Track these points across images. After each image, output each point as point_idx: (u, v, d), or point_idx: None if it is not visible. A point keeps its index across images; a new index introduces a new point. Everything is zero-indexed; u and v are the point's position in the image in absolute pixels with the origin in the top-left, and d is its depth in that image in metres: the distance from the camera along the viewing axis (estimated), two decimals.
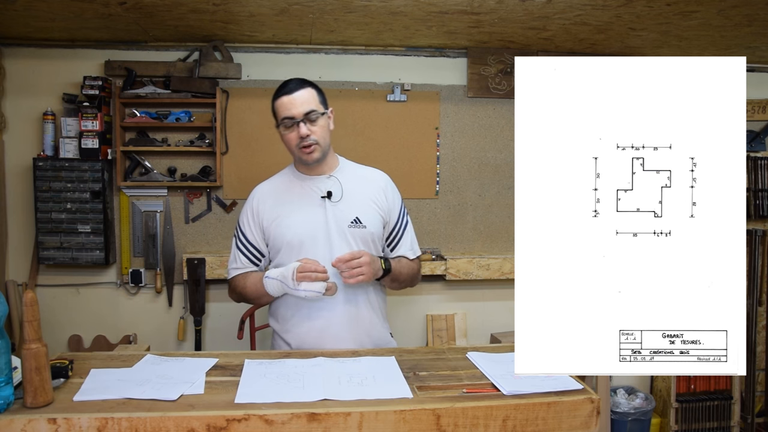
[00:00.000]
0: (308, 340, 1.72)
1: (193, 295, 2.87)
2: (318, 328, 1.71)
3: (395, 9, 2.33)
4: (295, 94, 1.69)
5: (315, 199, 1.75)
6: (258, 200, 1.82)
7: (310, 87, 1.73)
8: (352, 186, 1.79)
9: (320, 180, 1.78)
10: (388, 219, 1.82)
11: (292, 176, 1.83)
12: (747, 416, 3.09)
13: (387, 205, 1.81)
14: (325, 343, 1.69)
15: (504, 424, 1.20)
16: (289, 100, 1.69)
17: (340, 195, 1.76)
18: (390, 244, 1.85)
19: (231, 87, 2.88)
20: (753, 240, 3.11)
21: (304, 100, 1.69)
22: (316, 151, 1.70)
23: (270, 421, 1.13)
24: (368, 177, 1.85)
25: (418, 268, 1.90)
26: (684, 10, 2.26)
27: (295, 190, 1.78)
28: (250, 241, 1.81)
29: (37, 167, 2.69)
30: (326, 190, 1.75)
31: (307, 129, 1.68)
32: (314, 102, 1.71)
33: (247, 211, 1.83)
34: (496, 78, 3.03)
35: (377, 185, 1.83)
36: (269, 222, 1.77)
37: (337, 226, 1.72)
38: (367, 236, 1.75)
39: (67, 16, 2.39)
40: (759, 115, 3.23)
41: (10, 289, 2.80)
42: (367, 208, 1.77)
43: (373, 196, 1.80)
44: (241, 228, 1.83)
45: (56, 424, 1.09)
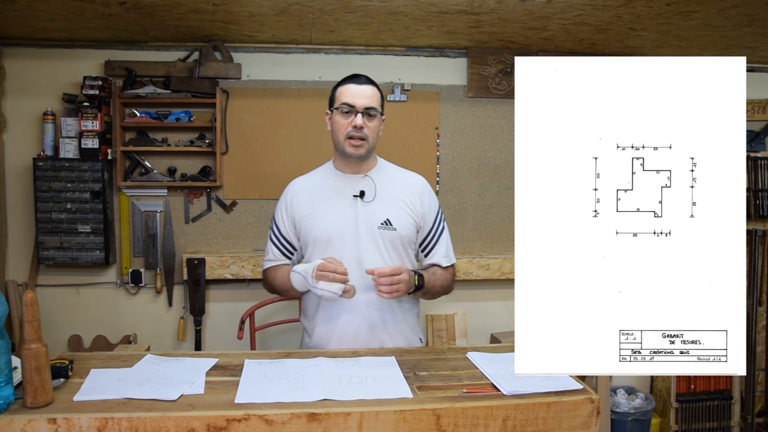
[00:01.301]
0: (329, 340, 1.73)
1: (193, 295, 2.87)
2: (339, 330, 1.71)
3: (395, 9, 2.33)
4: (364, 87, 1.73)
5: (347, 198, 1.75)
6: (292, 194, 1.83)
7: (377, 88, 1.77)
8: (387, 187, 1.78)
9: (355, 179, 1.78)
10: (422, 224, 1.81)
11: (329, 173, 1.83)
12: (747, 416, 3.09)
13: (422, 210, 1.80)
14: (344, 345, 1.69)
15: (504, 424, 1.20)
16: (356, 89, 1.72)
17: (372, 195, 1.76)
18: (424, 250, 1.84)
19: (231, 87, 2.88)
20: (753, 240, 3.11)
21: (369, 95, 1.72)
22: (363, 146, 1.71)
23: (270, 421, 1.13)
24: (405, 180, 1.85)
25: (452, 276, 1.87)
26: (684, 10, 2.26)
27: (330, 187, 1.79)
28: (283, 234, 1.82)
29: (37, 167, 2.69)
30: (359, 189, 1.75)
31: (362, 121, 1.69)
32: (377, 101, 1.74)
33: (282, 205, 1.84)
34: (496, 78, 3.02)
35: (413, 189, 1.82)
36: (301, 217, 1.78)
37: (367, 227, 1.72)
38: (396, 239, 1.74)
39: (67, 16, 2.39)
40: (759, 115, 3.23)
41: (10, 289, 2.80)
42: (400, 211, 1.76)
43: (408, 200, 1.79)
44: (276, 221, 1.84)
45: (56, 424, 1.09)
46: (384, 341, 1.73)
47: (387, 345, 1.72)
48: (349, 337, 1.71)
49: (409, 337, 1.80)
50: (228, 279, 2.86)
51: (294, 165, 2.95)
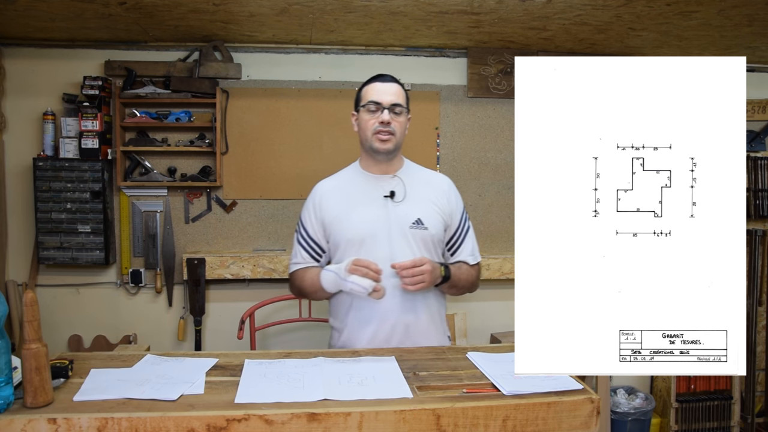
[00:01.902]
0: (359, 342, 1.73)
1: (193, 295, 2.87)
2: (369, 332, 1.72)
3: (395, 9, 2.33)
4: (389, 85, 1.75)
5: (378, 198, 1.75)
6: (320, 196, 1.83)
7: (401, 86, 1.78)
8: (416, 187, 1.79)
9: (384, 179, 1.79)
10: (449, 223, 1.82)
11: (356, 174, 1.84)
12: (747, 416, 3.09)
13: (449, 209, 1.82)
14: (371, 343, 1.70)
15: (504, 424, 1.20)
16: (382, 87, 1.74)
17: (402, 195, 1.76)
18: (450, 249, 1.85)
19: (231, 87, 2.88)
20: (753, 240, 3.11)
21: (395, 92, 1.74)
22: (391, 141, 1.73)
23: (270, 421, 1.13)
24: (432, 180, 1.86)
25: (478, 274, 1.88)
26: (684, 10, 2.26)
27: (359, 188, 1.79)
28: (311, 236, 1.82)
29: (37, 167, 2.69)
30: (389, 189, 1.76)
31: (389, 117, 1.71)
32: (402, 98, 1.76)
33: (309, 207, 1.84)
34: (496, 78, 3.03)
35: (440, 188, 1.83)
36: (331, 219, 1.78)
37: (399, 226, 1.72)
38: (427, 238, 1.75)
39: (67, 16, 2.39)
40: (759, 115, 3.23)
41: (10, 289, 2.80)
42: (430, 210, 1.77)
43: (436, 199, 1.80)
44: (303, 223, 1.84)
45: (56, 424, 1.09)
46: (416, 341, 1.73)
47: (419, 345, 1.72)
48: (380, 341, 1.71)
49: (441, 338, 1.82)
50: (228, 279, 2.86)
51: (294, 165, 2.95)
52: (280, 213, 2.96)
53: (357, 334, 1.74)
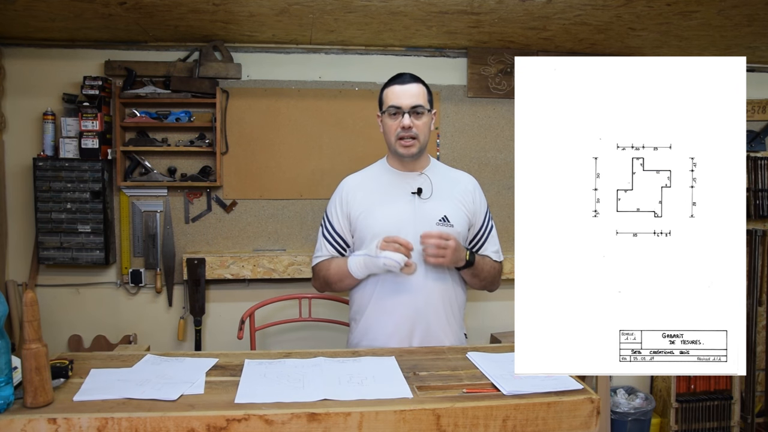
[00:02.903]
0: (380, 333, 1.74)
1: (193, 295, 2.87)
2: (391, 324, 1.72)
3: (395, 9, 2.33)
4: (408, 86, 1.73)
5: (405, 195, 1.76)
6: (347, 191, 1.84)
7: (422, 84, 1.77)
8: (442, 185, 1.80)
9: (411, 176, 1.80)
10: (473, 222, 1.84)
11: (384, 170, 1.85)
12: (747, 416, 3.09)
13: (474, 208, 1.83)
14: (394, 341, 1.71)
15: (504, 424, 1.20)
16: (401, 89, 1.72)
17: (429, 192, 1.77)
18: (474, 247, 1.86)
19: (231, 87, 2.88)
20: (753, 240, 3.11)
21: (414, 93, 1.72)
22: (414, 145, 1.73)
23: (270, 421, 1.13)
24: (457, 178, 1.88)
25: (500, 270, 1.90)
26: (684, 10, 2.26)
27: (386, 184, 1.80)
28: (336, 230, 1.83)
29: (37, 167, 2.69)
30: (416, 186, 1.77)
31: (410, 121, 1.70)
32: (423, 98, 1.74)
33: (336, 201, 1.85)
34: (496, 78, 3.02)
35: (465, 187, 1.85)
36: (357, 213, 1.79)
37: (425, 223, 1.73)
38: (453, 235, 1.75)
39: (67, 16, 2.39)
40: (759, 115, 3.23)
41: (10, 289, 2.80)
42: (456, 208, 1.78)
43: (462, 197, 1.81)
44: (329, 217, 1.85)
45: (56, 424, 1.09)
46: (439, 339, 1.74)
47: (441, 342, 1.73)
48: (401, 332, 1.72)
49: (458, 334, 1.83)
50: (228, 279, 2.86)
51: (294, 165, 2.95)
52: (280, 213, 2.96)
53: (378, 325, 1.75)
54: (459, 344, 1.80)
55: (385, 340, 1.73)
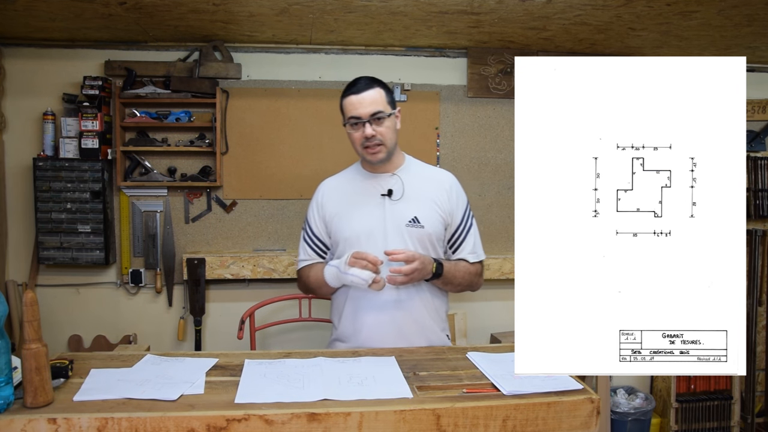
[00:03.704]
0: (357, 337, 1.74)
1: (193, 295, 2.87)
2: (366, 324, 1.72)
3: (395, 9, 2.33)
4: (364, 94, 1.70)
5: (375, 197, 1.76)
6: (323, 195, 1.85)
7: (378, 87, 1.73)
8: (415, 185, 1.79)
9: (383, 178, 1.79)
10: (450, 221, 1.81)
11: (357, 173, 1.85)
12: (747, 416, 3.09)
13: (449, 206, 1.80)
14: (372, 342, 1.70)
15: (504, 424, 1.20)
16: (357, 99, 1.70)
17: (400, 193, 1.76)
18: (452, 246, 1.84)
19: (231, 87, 2.88)
20: (753, 240, 3.11)
21: (372, 100, 1.70)
22: (381, 151, 1.72)
23: (270, 421, 1.13)
24: (433, 177, 1.85)
25: (478, 271, 1.87)
26: (684, 10, 2.26)
27: (358, 187, 1.80)
28: (315, 234, 1.84)
29: (37, 167, 2.69)
30: (387, 188, 1.76)
31: (372, 130, 1.69)
32: (382, 102, 1.72)
33: (313, 206, 1.86)
34: (496, 78, 3.02)
35: (441, 186, 1.82)
36: (331, 217, 1.80)
37: (395, 225, 1.73)
38: (424, 236, 1.74)
39: (67, 16, 2.39)
40: (759, 115, 3.23)
41: (10, 289, 2.80)
42: (427, 208, 1.76)
43: (435, 197, 1.79)
44: (309, 221, 1.86)
45: (56, 424, 1.09)
46: (413, 341, 1.73)
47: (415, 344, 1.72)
48: (376, 333, 1.72)
49: (439, 335, 1.81)
50: (228, 279, 2.86)
51: (294, 165, 2.95)
52: (280, 213, 2.96)
53: (354, 326, 1.75)
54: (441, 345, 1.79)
55: (363, 342, 1.72)
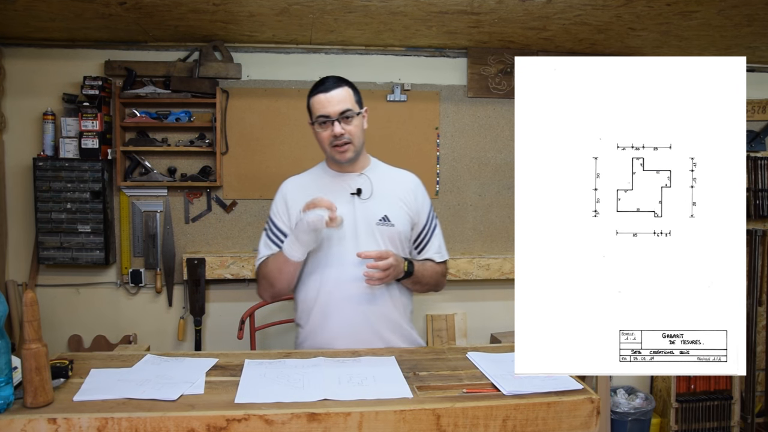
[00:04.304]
0: (328, 331, 1.72)
1: (193, 295, 2.87)
2: (338, 321, 1.71)
3: (395, 9, 2.33)
4: (332, 93, 1.69)
5: (344, 196, 1.75)
6: (288, 191, 1.83)
7: (346, 86, 1.73)
8: (383, 185, 1.79)
9: (351, 177, 1.79)
10: (416, 220, 1.82)
11: (324, 173, 1.84)
12: (747, 416, 3.09)
13: (416, 206, 1.81)
14: (340, 342, 1.68)
15: (504, 424, 1.20)
16: (325, 98, 1.69)
17: (369, 192, 1.76)
18: (417, 246, 1.85)
19: (231, 87, 2.88)
20: (753, 240, 3.11)
21: (340, 98, 1.69)
22: (349, 150, 1.71)
23: (270, 421, 1.13)
24: (398, 178, 1.86)
25: (443, 272, 1.88)
26: (684, 10, 2.26)
27: (326, 186, 1.79)
28: (281, 229, 1.79)
29: (37, 167, 2.69)
30: (356, 187, 1.76)
31: (341, 128, 1.68)
32: (350, 101, 1.71)
33: (278, 203, 1.83)
34: (496, 78, 3.02)
35: (407, 186, 1.83)
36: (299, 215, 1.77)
37: (366, 223, 1.72)
38: (394, 235, 1.74)
39: (67, 16, 2.39)
40: (759, 115, 3.23)
41: (10, 289, 2.80)
42: (396, 208, 1.77)
43: (403, 196, 1.79)
44: (273, 218, 1.83)
45: (56, 424, 1.09)
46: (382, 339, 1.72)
47: (390, 343, 1.72)
48: (345, 332, 1.70)
49: (409, 334, 1.80)
50: (228, 279, 2.86)
51: (294, 165, 2.94)
52: None
53: (324, 320, 1.72)
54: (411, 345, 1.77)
55: (330, 342, 1.70)
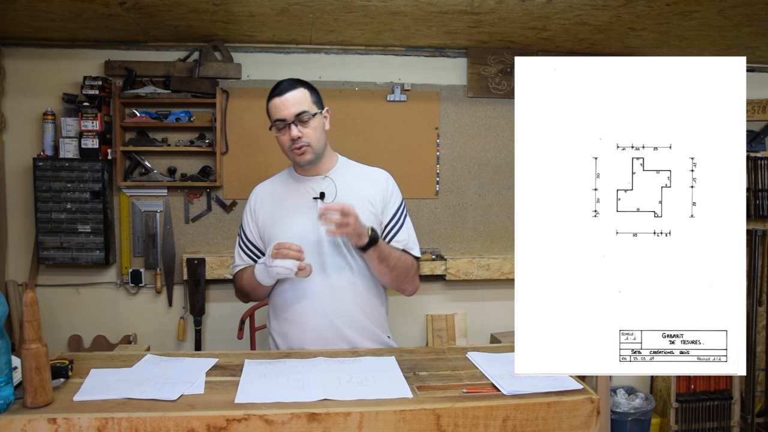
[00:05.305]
0: (294, 339, 1.71)
1: (193, 295, 2.87)
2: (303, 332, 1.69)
3: (395, 9, 2.33)
4: (287, 96, 1.67)
5: (308, 201, 1.73)
6: (255, 200, 1.83)
7: (302, 87, 1.70)
8: (348, 186, 1.76)
9: (315, 181, 1.76)
10: (382, 218, 1.78)
11: (289, 177, 1.82)
12: (747, 416, 3.09)
13: (383, 203, 1.78)
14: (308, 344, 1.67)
15: (504, 424, 1.20)
16: (280, 101, 1.68)
17: (333, 196, 1.73)
18: (384, 238, 1.79)
19: (231, 87, 2.88)
20: (753, 240, 3.11)
21: (295, 101, 1.67)
22: (307, 153, 1.68)
23: (270, 421, 1.13)
24: (367, 176, 1.82)
25: (414, 265, 1.81)
26: (684, 10, 2.26)
27: (291, 191, 1.78)
28: (250, 240, 1.82)
29: (37, 167, 2.69)
30: (319, 191, 1.74)
31: (298, 131, 1.66)
32: (306, 103, 1.69)
33: (247, 211, 1.84)
34: (496, 78, 3.02)
35: (376, 184, 1.80)
36: (264, 223, 1.77)
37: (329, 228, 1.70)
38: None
39: (67, 16, 2.39)
40: (759, 115, 3.23)
41: (10, 289, 2.80)
42: (362, 209, 1.72)
43: (370, 196, 1.76)
44: (243, 227, 1.84)
45: (56, 424, 1.09)
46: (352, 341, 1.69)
47: (356, 345, 1.69)
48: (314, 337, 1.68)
49: (380, 336, 1.77)
50: (228, 279, 2.86)
51: None
52: None
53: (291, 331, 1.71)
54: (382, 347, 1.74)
55: (300, 344, 1.69)
